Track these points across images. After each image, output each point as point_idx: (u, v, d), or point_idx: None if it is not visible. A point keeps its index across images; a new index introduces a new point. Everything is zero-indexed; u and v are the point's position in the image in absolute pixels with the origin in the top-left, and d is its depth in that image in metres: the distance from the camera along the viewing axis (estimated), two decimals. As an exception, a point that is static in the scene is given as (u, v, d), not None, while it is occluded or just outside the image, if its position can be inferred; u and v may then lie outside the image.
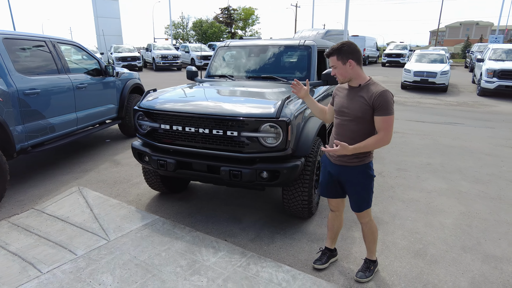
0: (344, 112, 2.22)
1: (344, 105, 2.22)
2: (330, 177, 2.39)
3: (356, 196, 2.31)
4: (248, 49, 4.31)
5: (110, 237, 2.83)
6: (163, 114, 3.03)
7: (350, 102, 2.20)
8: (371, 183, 2.30)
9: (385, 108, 2.08)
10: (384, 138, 2.12)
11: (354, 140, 2.18)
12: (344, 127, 2.23)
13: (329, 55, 2.19)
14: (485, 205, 3.77)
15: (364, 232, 2.45)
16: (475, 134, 6.90)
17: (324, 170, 2.44)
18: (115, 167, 4.91)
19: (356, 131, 2.19)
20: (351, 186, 2.30)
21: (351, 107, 2.18)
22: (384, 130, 2.11)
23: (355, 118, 2.17)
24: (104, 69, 5.71)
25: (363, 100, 2.14)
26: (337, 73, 2.20)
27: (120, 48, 21.20)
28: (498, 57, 12.37)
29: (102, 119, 5.73)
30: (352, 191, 2.31)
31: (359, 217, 2.41)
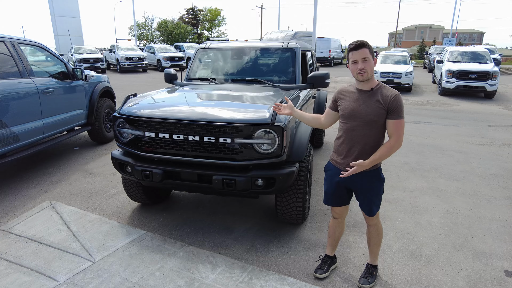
0: (356, 116, 2.15)
1: (355, 109, 2.15)
2: (337, 186, 2.32)
3: (368, 201, 2.27)
4: (230, 51, 4.18)
5: (95, 258, 2.58)
6: (148, 121, 2.83)
7: (363, 106, 2.13)
8: (382, 186, 2.27)
9: (398, 111, 2.07)
10: (397, 144, 2.09)
11: (367, 144, 2.14)
12: (355, 132, 2.16)
13: (362, 46, 2.05)
14: (464, 202, 3.91)
15: (372, 234, 2.42)
16: (442, 132, 7.22)
17: (331, 179, 2.36)
18: (88, 178, 4.57)
19: (369, 135, 2.14)
20: (364, 192, 2.26)
21: (365, 111, 2.12)
22: (395, 134, 2.09)
23: (369, 122, 2.12)
24: (71, 72, 5.32)
25: (378, 104, 2.09)
26: (367, 66, 2.07)
27: (81, 49, 20.11)
28: (455, 58, 13.13)
29: (71, 125, 5.34)
30: (364, 197, 2.27)
31: (368, 220, 2.38)
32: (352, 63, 2.11)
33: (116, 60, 20.40)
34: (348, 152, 2.20)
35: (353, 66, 2.11)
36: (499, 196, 4.08)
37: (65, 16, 24.30)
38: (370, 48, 2.08)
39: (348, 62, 2.16)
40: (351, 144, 2.19)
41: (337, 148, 2.28)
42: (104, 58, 20.04)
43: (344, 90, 2.27)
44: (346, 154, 2.21)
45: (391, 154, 2.13)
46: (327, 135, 6.71)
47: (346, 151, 2.21)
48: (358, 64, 2.08)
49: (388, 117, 2.09)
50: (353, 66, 2.11)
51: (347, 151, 2.21)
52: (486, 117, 8.97)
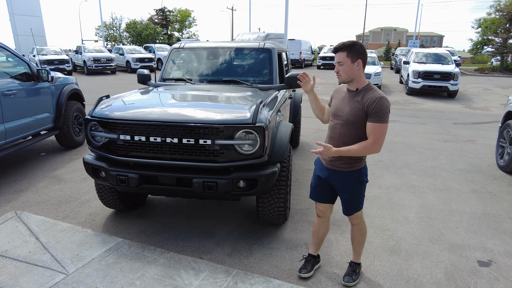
0: (338, 115, 2.18)
1: (338, 108, 2.19)
2: (319, 180, 2.35)
3: (345, 201, 2.29)
4: (205, 51, 4.11)
5: (69, 270, 2.42)
6: (123, 123, 2.70)
7: (345, 105, 2.16)
8: (362, 189, 2.28)
9: (378, 115, 2.02)
10: (372, 146, 2.04)
11: (345, 144, 2.13)
12: (336, 130, 2.19)
13: (339, 49, 2.06)
14: (437, 196, 4.07)
15: (355, 233, 2.44)
16: (411, 130, 7.50)
17: (316, 172, 2.40)
18: (56, 185, 4.33)
19: (348, 135, 2.15)
20: (341, 191, 2.28)
21: (345, 111, 2.14)
22: (373, 138, 2.04)
23: (347, 122, 2.14)
24: (36, 73, 5.02)
25: (357, 105, 2.10)
26: (342, 70, 2.08)
27: (44, 50, 19.11)
28: (420, 60, 13.73)
29: (36, 130, 5.03)
30: (343, 195, 2.30)
31: (350, 219, 2.40)
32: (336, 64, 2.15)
33: (83, 62, 19.58)
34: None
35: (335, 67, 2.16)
36: (467, 190, 4.28)
37: (25, 15, 23.00)
38: (349, 51, 2.05)
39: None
40: (332, 141, 2.22)
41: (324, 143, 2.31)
42: (70, 59, 19.18)
43: (339, 88, 2.32)
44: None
45: (363, 154, 2.10)
46: (302, 135, 6.78)
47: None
48: (336, 66, 2.14)
49: (368, 119, 2.07)
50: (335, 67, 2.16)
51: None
52: (450, 115, 9.42)
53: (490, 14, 26.39)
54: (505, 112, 5.25)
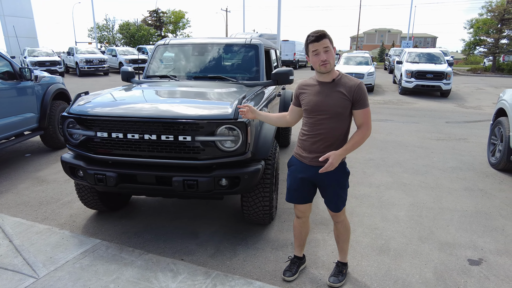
0: (321, 110, 2.05)
1: (319, 103, 2.06)
2: (301, 181, 2.22)
3: (335, 196, 2.19)
4: (191, 48, 4.01)
5: (40, 274, 2.30)
6: (100, 119, 2.59)
7: (326, 98, 2.05)
8: (347, 180, 2.21)
9: (364, 99, 2.03)
10: (367, 132, 2.06)
11: (334, 137, 2.07)
12: (321, 125, 2.07)
13: (323, 36, 1.96)
14: (428, 194, 3.99)
15: (339, 231, 2.35)
16: (404, 129, 7.45)
17: (294, 174, 2.25)
18: (39, 186, 4.20)
19: (336, 128, 2.06)
20: (330, 186, 2.17)
21: (330, 103, 2.04)
22: (365, 123, 2.05)
23: (335, 115, 2.04)
24: (18, 72, 4.90)
25: (341, 95, 2.02)
26: (330, 57, 1.98)
27: (36, 52, 18.88)
28: (413, 59, 13.73)
29: (19, 130, 4.90)
30: (331, 192, 2.19)
31: (335, 217, 2.30)
32: (314, 55, 2.00)
33: (75, 63, 19.38)
34: (312, 146, 2.12)
35: (315, 58, 2.00)
36: (458, 188, 4.21)
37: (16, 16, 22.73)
38: (330, 38, 2.01)
39: (308, 55, 2.06)
40: (317, 138, 2.10)
41: (302, 143, 2.19)
42: (62, 61, 18.97)
43: (305, 84, 2.18)
44: (311, 148, 2.13)
45: (363, 143, 2.08)
46: (293, 134, 6.70)
47: (310, 144, 2.13)
48: (320, 55, 1.98)
49: (355, 107, 2.04)
50: (315, 58, 2.00)
51: (311, 145, 2.12)
52: (443, 114, 9.40)
53: (482, 15, 26.61)
54: (496, 109, 5.20)
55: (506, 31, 23.38)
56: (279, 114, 2.38)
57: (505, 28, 23.23)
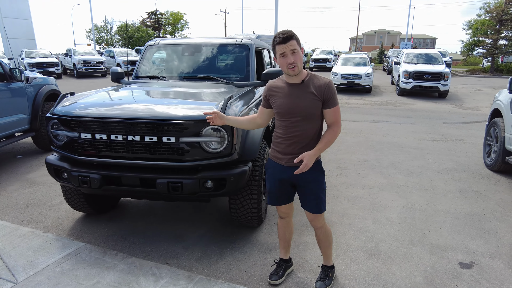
0: (294, 112, 2.01)
1: (292, 105, 2.01)
2: (281, 183, 2.17)
3: (313, 196, 2.12)
4: (181, 48, 3.96)
5: (19, 278, 2.25)
6: (83, 120, 2.54)
7: (298, 100, 2.00)
8: (324, 179, 2.17)
9: (334, 98, 2.02)
10: (339, 130, 2.06)
11: (308, 138, 2.04)
12: (295, 127, 2.03)
13: (290, 38, 1.91)
14: (421, 196, 3.94)
15: (320, 237, 2.30)
16: (400, 130, 7.40)
17: (272, 177, 2.20)
18: (28, 188, 4.14)
19: (309, 128, 2.04)
20: (308, 186, 2.12)
21: (302, 106, 1.99)
22: (336, 122, 2.05)
23: (308, 116, 2.01)
24: (9, 73, 4.85)
25: (313, 96, 1.99)
26: (297, 59, 1.94)
27: (33, 53, 18.86)
28: (411, 60, 13.70)
29: (9, 131, 4.85)
30: (309, 192, 2.13)
31: (315, 222, 2.23)
32: (281, 57, 1.95)
33: (72, 65, 19.36)
34: (288, 148, 2.08)
35: (282, 60, 1.95)
36: (453, 189, 4.16)
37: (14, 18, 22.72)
38: (297, 39, 1.96)
39: (275, 56, 2.01)
40: (292, 140, 2.06)
41: (277, 145, 2.14)
42: (59, 62, 18.94)
43: (274, 86, 2.11)
44: (286, 150, 2.09)
45: (335, 140, 2.07)
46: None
47: (286, 146, 2.09)
48: (287, 57, 1.93)
49: (325, 106, 2.02)
50: (282, 60, 1.95)
51: (286, 147, 2.09)
52: (440, 115, 9.36)
53: (480, 16, 26.59)
54: (492, 109, 5.16)
55: (504, 32, 23.36)
56: (249, 117, 2.30)
57: (503, 29, 23.21)
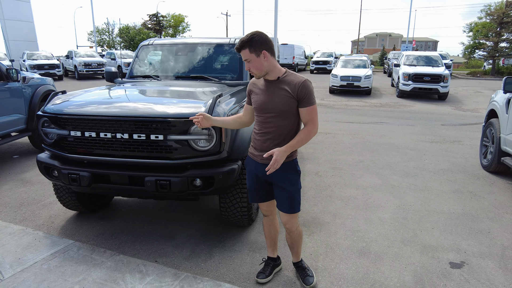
0: (268, 108, 2.02)
1: (266, 101, 2.02)
2: (258, 180, 2.17)
3: (287, 195, 2.10)
4: (174, 48, 3.97)
5: (5, 275, 2.25)
6: (72, 118, 2.55)
7: (272, 97, 2.01)
8: (299, 179, 2.15)
9: (309, 98, 1.98)
10: (314, 129, 2.01)
11: (282, 135, 2.03)
12: (269, 123, 2.03)
13: (240, 48, 1.94)
14: (415, 196, 3.92)
15: (294, 239, 2.29)
16: (398, 132, 7.39)
17: (251, 174, 2.20)
18: (22, 187, 4.15)
19: (283, 125, 2.02)
20: (281, 185, 2.10)
21: (275, 102, 1.99)
22: (311, 121, 2.01)
23: (281, 113, 2.00)
24: (5, 73, 4.87)
25: (286, 93, 1.98)
26: (252, 67, 1.97)
27: (35, 55, 18.98)
28: (411, 62, 13.69)
29: (6, 131, 4.87)
30: (282, 191, 2.11)
31: (289, 224, 2.20)
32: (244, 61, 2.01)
33: (74, 67, 19.45)
34: (263, 144, 2.08)
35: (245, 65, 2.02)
36: (447, 190, 4.14)
37: (16, 20, 22.87)
38: (251, 46, 1.92)
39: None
40: (266, 136, 2.06)
41: (253, 141, 2.15)
42: (60, 64, 19.04)
43: (255, 82, 2.14)
44: (261, 146, 2.09)
45: (309, 140, 2.04)
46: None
47: (261, 143, 2.09)
48: (247, 64, 1.99)
49: (300, 105, 1.99)
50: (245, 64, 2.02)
51: (262, 143, 2.08)
52: (439, 117, 9.33)
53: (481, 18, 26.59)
54: (488, 110, 5.14)
55: (505, 34, 23.33)
56: (234, 116, 2.30)
57: (504, 32, 23.19)
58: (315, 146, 6.05)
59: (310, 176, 4.57)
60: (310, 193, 3.99)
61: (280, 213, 2.20)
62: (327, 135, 7.01)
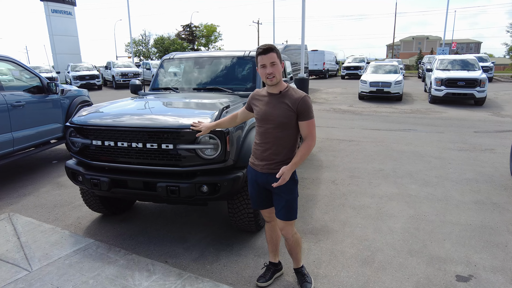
0: (268, 119, 2.15)
1: (267, 113, 2.16)
2: (258, 187, 2.30)
3: (283, 203, 2.21)
4: (193, 61, 4.21)
5: (33, 267, 2.54)
6: (93, 129, 2.83)
7: (273, 109, 2.14)
8: (296, 187, 2.24)
9: (308, 112, 2.10)
10: (312, 143, 2.13)
11: (280, 146, 2.15)
12: (269, 134, 2.17)
13: (269, 50, 2.06)
14: (432, 207, 3.84)
15: (291, 246, 2.37)
16: (425, 139, 7.17)
17: (252, 181, 2.33)
18: (57, 190, 4.56)
19: (281, 137, 2.15)
20: (279, 192, 2.21)
21: (275, 114, 2.13)
22: (310, 134, 2.12)
23: (279, 125, 2.13)
24: (46, 86, 5.38)
25: (286, 107, 2.11)
26: (276, 71, 2.08)
27: (78, 67, 20.46)
28: (445, 67, 13.17)
29: (45, 139, 5.36)
30: (280, 199, 2.22)
31: (285, 231, 2.28)
32: (261, 67, 2.10)
33: (111, 77, 20.68)
34: (262, 154, 2.20)
35: (261, 70, 2.11)
36: (468, 201, 4.00)
37: (63, 35, 24.81)
38: (278, 52, 2.10)
39: (257, 66, 2.15)
40: (265, 147, 2.18)
41: (254, 151, 2.28)
42: (100, 75, 20.34)
43: (258, 94, 2.28)
44: (261, 156, 2.21)
45: (309, 153, 2.15)
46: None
47: (260, 152, 2.21)
48: (266, 68, 2.08)
49: (299, 119, 2.12)
50: (261, 70, 2.11)
51: (261, 153, 2.21)
52: (472, 124, 8.92)
53: (527, 18, 24.87)
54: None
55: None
56: (232, 115, 2.49)
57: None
58: (336, 154, 6.05)
59: (326, 184, 4.60)
60: (323, 201, 4.03)
61: (277, 220, 2.30)
62: (350, 142, 6.97)
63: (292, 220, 2.24)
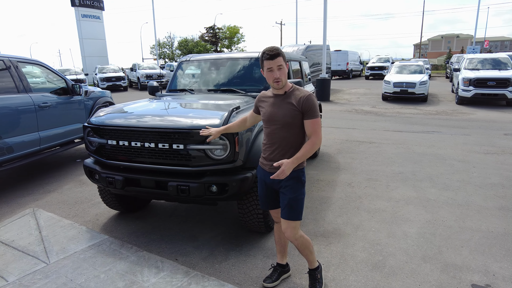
0: (274, 120, 2.17)
1: (273, 113, 2.18)
2: (266, 187, 2.32)
3: (287, 202, 2.19)
4: (208, 63, 4.28)
5: (51, 260, 2.67)
6: (109, 129, 2.93)
7: (278, 109, 2.16)
8: (302, 188, 2.22)
9: (313, 111, 2.11)
10: (317, 141, 2.12)
11: (287, 145, 2.16)
12: (275, 134, 2.18)
13: (276, 55, 2.07)
14: (451, 212, 3.70)
15: (299, 249, 2.34)
16: (449, 141, 6.90)
17: (261, 181, 2.35)
18: (79, 187, 4.75)
19: (288, 136, 2.16)
20: (284, 192, 2.20)
21: (280, 114, 2.14)
22: (314, 133, 2.11)
23: (285, 124, 2.14)
24: (71, 88, 5.63)
25: (291, 106, 2.12)
26: (282, 74, 2.10)
27: (105, 69, 21.23)
28: (474, 66, 12.63)
29: (70, 138, 5.60)
30: (284, 197, 2.21)
31: (287, 232, 2.24)
32: (268, 71, 2.11)
33: (137, 78, 21.29)
34: (270, 154, 2.22)
35: (268, 74, 2.12)
36: (492, 206, 3.82)
37: (91, 38, 25.86)
38: (283, 55, 2.12)
39: (263, 70, 2.15)
40: (273, 147, 2.20)
41: (263, 151, 2.31)
42: (126, 76, 21.00)
43: (264, 96, 2.31)
44: (269, 156, 2.23)
45: (314, 151, 2.13)
46: (326, 146, 6.61)
47: (269, 153, 2.23)
48: (274, 72, 2.09)
49: (304, 117, 2.13)
50: (268, 74, 2.12)
51: (269, 153, 2.23)
52: (503, 126, 8.50)
53: None
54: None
55: None
56: (241, 119, 2.52)
57: None
58: (354, 156, 5.95)
59: (342, 186, 4.54)
60: (338, 203, 3.98)
61: (281, 221, 2.30)
62: (370, 144, 6.82)
63: (294, 221, 2.22)
